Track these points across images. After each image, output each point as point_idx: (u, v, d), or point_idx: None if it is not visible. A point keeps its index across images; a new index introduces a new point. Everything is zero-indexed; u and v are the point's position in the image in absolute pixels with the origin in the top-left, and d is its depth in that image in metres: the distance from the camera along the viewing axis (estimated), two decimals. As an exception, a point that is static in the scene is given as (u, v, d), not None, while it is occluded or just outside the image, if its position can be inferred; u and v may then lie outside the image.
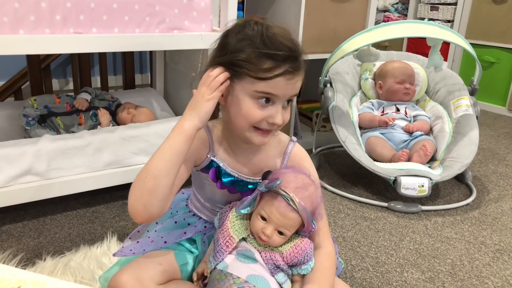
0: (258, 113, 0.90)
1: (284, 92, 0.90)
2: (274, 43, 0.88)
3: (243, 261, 0.92)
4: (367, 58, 2.02)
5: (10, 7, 1.26)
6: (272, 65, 0.88)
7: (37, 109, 1.74)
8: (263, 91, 0.89)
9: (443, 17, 3.57)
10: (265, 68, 0.88)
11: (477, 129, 1.90)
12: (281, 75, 0.88)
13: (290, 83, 0.90)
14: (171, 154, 0.87)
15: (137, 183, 0.88)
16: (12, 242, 1.39)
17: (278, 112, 0.91)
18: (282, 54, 0.88)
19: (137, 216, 0.88)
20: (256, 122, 0.92)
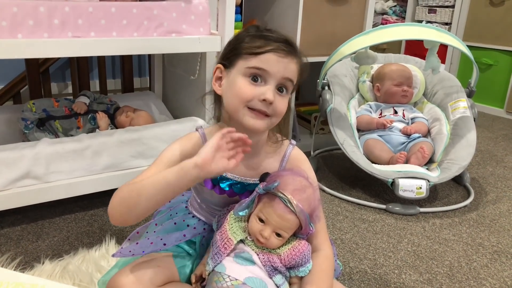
0: (249, 89, 0.92)
1: (276, 69, 0.91)
2: (268, 30, 0.96)
3: (241, 263, 0.92)
4: (365, 60, 2.02)
5: (9, 11, 1.27)
6: (264, 43, 0.92)
7: (36, 112, 1.74)
8: (254, 66, 0.92)
9: (440, 19, 3.58)
10: (257, 45, 0.92)
11: (475, 131, 1.90)
12: (272, 51, 0.91)
13: (282, 61, 0.92)
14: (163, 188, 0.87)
15: (121, 194, 0.90)
16: (10, 246, 1.40)
17: (270, 90, 0.92)
18: (275, 36, 0.94)
19: (112, 220, 0.92)
20: (247, 99, 0.92)
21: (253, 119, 0.93)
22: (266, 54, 0.91)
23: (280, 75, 0.92)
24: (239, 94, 0.92)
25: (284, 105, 0.96)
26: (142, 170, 1.59)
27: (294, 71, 0.94)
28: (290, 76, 0.94)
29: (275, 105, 0.93)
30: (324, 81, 2.06)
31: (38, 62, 2.25)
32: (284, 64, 0.92)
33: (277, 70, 0.92)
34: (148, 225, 1.15)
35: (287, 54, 0.92)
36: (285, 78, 0.93)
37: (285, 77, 0.93)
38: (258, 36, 0.94)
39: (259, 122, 0.93)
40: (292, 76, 0.94)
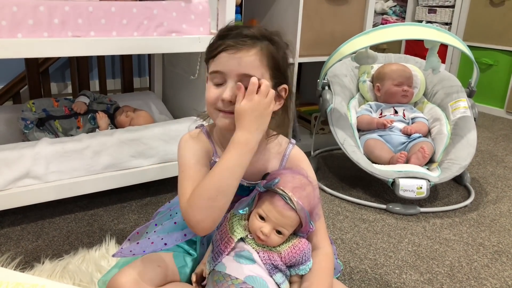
0: (212, 93, 0.93)
1: (230, 68, 0.91)
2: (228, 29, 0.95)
3: (241, 262, 0.92)
4: (365, 60, 2.02)
5: (8, 10, 1.27)
6: (217, 43, 0.93)
7: (36, 112, 1.74)
8: (212, 71, 0.93)
9: (441, 19, 3.58)
10: (212, 48, 0.94)
11: (475, 131, 1.90)
12: (223, 50, 0.91)
13: (234, 57, 0.90)
14: (241, 173, 0.90)
15: (206, 202, 0.88)
16: (10, 245, 1.39)
17: (227, 89, 0.92)
18: (227, 33, 0.93)
19: (204, 231, 0.90)
20: (213, 103, 0.94)
21: (223, 118, 0.94)
22: (219, 55, 0.92)
23: (235, 73, 0.91)
24: (207, 100, 0.95)
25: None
26: (142, 171, 1.61)
27: (250, 64, 0.90)
28: (246, 71, 0.90)
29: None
30: (324, 81, 2.06)
31: (38, 62, 2.25)
32: (237, 60, 0.90)
33: (230, 68, 0.91)
34: (148, 225, 1.15)
35: (240, 49, 0.90)
36: (242, 75, 0.91)
37: (241, 73, 0.91)
38: (220, 36, 0.94)
39: (225, 120, 0.94)
40: (249, 70, 0.90)
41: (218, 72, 0.92)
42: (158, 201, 1.72)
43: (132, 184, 1.62)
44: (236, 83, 0.91)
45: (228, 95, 0.91)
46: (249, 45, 0.91)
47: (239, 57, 0.90)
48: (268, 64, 0.93)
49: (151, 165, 1.64)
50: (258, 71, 0.91)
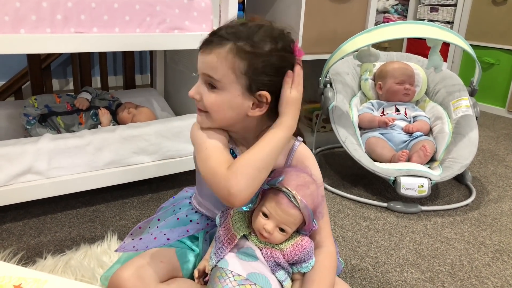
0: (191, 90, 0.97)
1: (200, 67, 0.93)
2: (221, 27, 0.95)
3: (244, 259, 0.92)
4: (367, 58, 2.02)
5: (11, 6, 1.27)
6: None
7: (38, 108, 1.74)
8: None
9: (442, 18, 3.57)
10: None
11: (477, 130, 1.90)
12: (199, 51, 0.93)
13: (202, 57, 0.92)
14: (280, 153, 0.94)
15: (253, 171, 0.88)
16: (12, 241, 1.40)
17: (193, 88, 0.95)
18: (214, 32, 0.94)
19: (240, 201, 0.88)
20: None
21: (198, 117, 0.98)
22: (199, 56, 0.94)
23: (200, 72, 0.93)
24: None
25: (212, 101, 0.92)
26: (144, 167, 1.61)
27: (211, 64, 0.89)
28: (205, 70, 0.91)
29: (203, 100, 0.93)
30: (326, 79, 2.06)
31: (40, 58, 2.25)
32: (202, 60, 0.92)
33: (199, 67, 0.93)
34: (151, 220, 1.15)
35: (205, 48, 0.91)
36: (204, 74, 0.92)
37: (203, 73, 0.92)
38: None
39: (198, 119, 0.98)
40: (208, 70, 0.90)
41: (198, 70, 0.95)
42: (159, 198, 1.72)
43: (134, 180, 1.63)
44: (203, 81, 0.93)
45: (191, 93, 0.95)
46: (214, 45, 0.90)
47: (204, 56, 0.92)
48: (234, 67, 0.89)
49: (153, 161, 1.64)
50: (216, 72, 0.89)
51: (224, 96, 0.92)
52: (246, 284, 0.88)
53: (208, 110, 0.94)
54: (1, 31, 1.27)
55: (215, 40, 0.90)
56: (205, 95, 0.93)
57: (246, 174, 0.86)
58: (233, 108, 0.93)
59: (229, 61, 0.88)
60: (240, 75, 0.89)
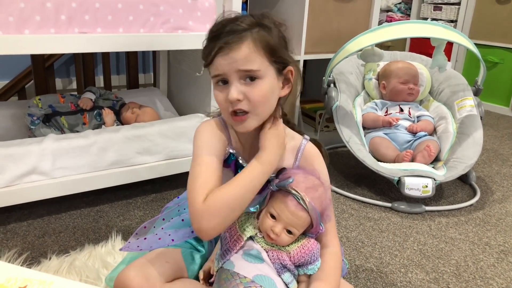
0: (219, 95, 0.93)
1: (229, 68, 0.89)
2: (217, 27, 0.92)
3: (250, 261, 0.92)
4: (371, 58, 2.01)
5: (16, 7, 1.26)
6: (210, 47, 0.91)
7: (42, 108, 1.74)
8: (214, 75, 0.92)
9: (446, 17, 3.56)
10: (207, 52, 0.92)
11: (481, 130, 1.89)
12: (217, 54, 0.89)
13: (229, 57, 0.88)
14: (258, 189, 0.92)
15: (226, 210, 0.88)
16: (17, 241, 1.40)
17: (232, 89, 0.90)
18: (216, 34, 0.90)
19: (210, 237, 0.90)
20: (224, 106, 0.93)
21: (239, 124, 0.94)
22: (215, 59, 0.90)
23: (234, 71, 0.89)
24: (217, 103, 0.95)
25: (259, 92, 0.91)
26: (148, 167, 1.61)
27: (245, 58, 0.88)
28: (242, 66, 0.89)
29: (248, 97, 0.90)
30: (330, 79, 2.06)
31: (43, 57, 2.25)
32: (232, 58, 0.88)
33: (228, 68, 0.89)
34: (156, 220, 1.15)
35: (230, 47, 0.88)
36: (240, 71, 0.89)
37: (239, 70, 0.89)
38: (208, 39, 0.93)
39: (244, 124, 0.93)
40: (246, 64, 0.89)
41: (219, 75, 0.91)
42: (163, 198, 1.72)
43: (137, 180, 1.63)
44: (239, 80, 0.90)
45: (234, 95, 0.89)
46: (238, 40, 0.89)
47: (232, 56, 0.88)
48: (264, 51, 0.90)
49: (157, 161, 1.64)
50: (255, 62, 0.89)
51: (267, 83, 0.92)
52: (252, 286, 0.88)
53: (256, 105, 0.91)
54: (5, 32, 1.27)
55: (235, 36, 0.89)
56: (250, 91, 0.90)
57: (218, 214, 0.87)
58: (274, 93, 0.94)
59: (258, 48, 0.89)
60: (269, 57, 0.91)
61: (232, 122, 0.94)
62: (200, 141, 0.97)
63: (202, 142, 0.97)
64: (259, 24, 0.92)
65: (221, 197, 0.87)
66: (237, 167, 1.02)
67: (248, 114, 0.92)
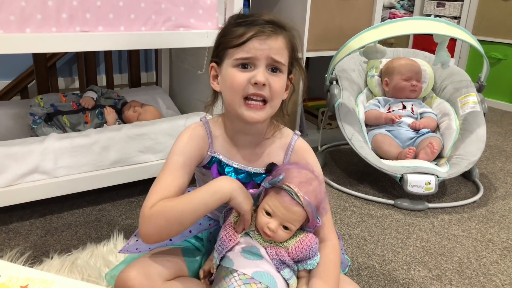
0: (241, 76, 0.92)
1: (261, 53, 0.91)
2: (246, 15, 0.96)
3: (248, 257, 0.92)
4: (374, 55, 2.01)
5: (17, 5, 1.26)
6: (244, 30, 0.92)
7: (44, 107, 1.74)
8: (241, 57, 0.92)
9: (449, 13, 3.54)
10: (238, 34, 0.92)
11: (485, 126, 1.88)
12: (253, 37, 0.91)
13: (265, 43, 0.91)
14: (204, 212, 0.91)
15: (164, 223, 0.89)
16: (19, 240, 1.40)
17: (260, 72, 0.91)
18: (252, 19, 0.93)
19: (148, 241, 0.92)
20: (241, 86, 0.92)
21: (251, 111, 0.93)
22: (249, 42, 0.91)
23: (265, 56, 0.92)
24: (232, 84, 0.93)
25: (280, 84, 0.94)
26: (150, 166, 1.61)
27: (280, 50, 0.93)
28: (276, 56, 0.92)
29: (270, 85, 0.92)
30: (332, 76, 2.05)
31: (46, 56, 2.25)
32: (268, 45, 0.91)
33: (262, 53, 0.91)
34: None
35: (270, 34, 0.92)
36: (272, 59, 0.92)
37: (271, 58, 0.92)
38: (238, 24, 0.94)
39: (258, 113, 0.94)
40: (279, 55, 0.93)
41: (248, 58, 0.92)
42: (165, 196, 1.72)
43: (140, 179, 1.63)
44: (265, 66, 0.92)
45: (263, 78, 0.91)
46: (277, 31, 0.93)
47: (270, 42, 0.92)
48: (289, 52, 0.96)
49: (159, 160, 1.64)
50: (283, 57, 0.94)
51: (283, 79, 0.96)
52: (252, 283, 0.88)
53: (273, 96, 0.94)
54: (7, 31, 1.27)
55: (275, 27, 0.93)
56: (273, 80, 0.93)
57: (156, 223, 0.89)
58: (283, 92, 0.98)
59: (288, 46, 0.96)
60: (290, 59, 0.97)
61: (244, 109, 0.94)
62: (175, 147, 1.00)
63: (176, 148, 0.99)
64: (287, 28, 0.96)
65: (162, 209, 0.89)
66: (219, 169, 1.03)
67: (267, 104, 0.94)
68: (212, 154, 1.02)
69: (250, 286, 0.87)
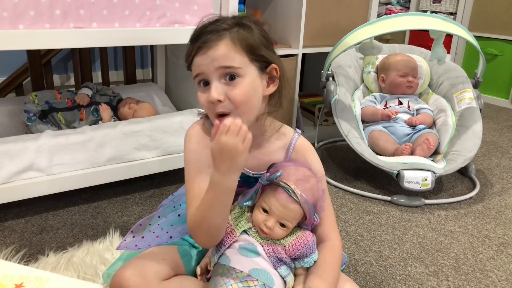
0: (202, 97, 0.93)
1: (207, 68, 0.89)
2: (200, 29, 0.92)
3: (245, 255, 0.92)
4: (370, 51, 2.00)
5: (10, 2, 1.25)
6: (190, 49, 0.92)
7: (38, 104, 1.73)
8: (194, 76, 0.93)
9: (445, 9, 3.54)
10: (187, 55, 0.93)
11: (481, 122, 1.88)
12: (196, 55, 0.90)
13: (207, 56, 0.88)
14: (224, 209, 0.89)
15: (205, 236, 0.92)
16: (14, 238, 1.39)
17: (211, 88, 0.89)
18: (195, 35, 0.92)
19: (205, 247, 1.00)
20: (207, 107, 0.93)
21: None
22: (194, 59, 0.91)
23: (213, 69, 0.89)
24: (201, 105, 0.94)
25: (240, 90, 0.89)
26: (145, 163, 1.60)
27: (226, 54, 0.88)
28: (225, 63, 0.88)
29: (229, 96, 0.89)
30: (329, 72, 2.05)
31: (40, 53, 2.24)
32: (210, 57, 0.88)
33: (207, 67, 0.89)
34: (151, 217, 1.14)
35: (208, 46, 0.88)
36: (222, 68, 0.88)
37: (220, 67, 0.88)
38: (189, 42, 0.93)
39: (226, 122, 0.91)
40: (228, 60, 0.88)
41: (198, 75, 0.91)
42: (161, 193, 1.72)
43: (135, 176, 1.62)
44: (220, 81, 0.89)
45: (215, 95, 0.88)
46: (216, 39, 0.89)
47: (210, 54, 0.88)
48: (244, 50, 0.90)
49: (155, 157, 1.64)
50: (236, 60, 0.89)
51: (247, 81, 0.91)
52: (249, 280, 0.88)
53: (238, 104, 0.90)
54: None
55: (213, 36, 0.89)
56: (231, 91, 0.89)
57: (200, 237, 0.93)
58: (256, 92, 0.93)
59: (237, 46, 0.89)
60: (250, 56, 0.91)
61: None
62: (187, 155, 1.00)
63: (189, 156, 0.99)
64: (239, 24, 0.92)
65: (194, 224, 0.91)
66: None
67: (229, 115, 0.90)
68: None
69: (247, 283, 0.87)
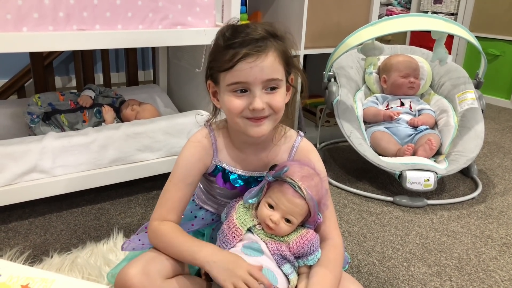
0: (237, 103, 0.92)
1: (253, 76, 0.89)
2: (234, 34, 0.91)
3: (249, 254, 0.92)
4: (372, 52, 2.00)
5: (14, 4, 1.26)
6: (232, 53, 0.89)
7: (41, 106, 1.74)
8: (232, 82, 0.91)
9: (446, 10, 3.55)
10: (226, 59, 0.90)
11: (483, 123, 1.89)
12: (241, 60, 0.88)
13: (255, 65, 0.88)
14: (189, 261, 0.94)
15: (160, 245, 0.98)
16: (19, 240, 1.40)
17: (256, 97, 0.90)
18: (239, 40, 0.89)
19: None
20: (239, 113, 0.92)
21: (254, 127, 0.94)
22: (237, 65, 0.89)
23: (259, 80, 0.90)
24: (230, 110, 0.93)
25: (279, 100, 0.93)
26: (148, 164, 1.60)
27: (272, 67, 0.90)
28: (269, 76, 0.90)
29: (270, 104, 0.92)
30: (330, 73, 2.05)
31: (43, 55, 2.25)
32: (258, 67, 0.89)
33: (254, 77, 0.89)
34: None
35: (258, 55, 0.89)
36: (267, 80, 0.90)
37: (265, 80, 0.90)
38: (226, 47, 0.91)
39: (261, 128, 0.94)
40: (272, 73, 0.90)
41: (239, 83, 0.90)
42: (164, 195, 1.72)
43: (138, 177, 1.62)
44: (262, 90, 0.91)
45: (260, 105, 0.90)
46: (264, 49, 0.90)
47: (260, 62, 0.89)
48: (282, 61, 0.93)
49: (158, 158, 1.64)
50: (278, 72, 0.92)
51: (283, 91, 0.95)
52: (252, 279, 0.88)
53: (277, 111, 0.94)
54: (3, 30, 1.26)
55: (262, 44, 0.90)
56: (272, 100, 0.92)
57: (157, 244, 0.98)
58: (284, 101, 0.96)
59: (280, 58, 0.92)
60: (286, 67, 0.95)
61: (248, 125, 0.94)
62: (180, 159, 1.02)
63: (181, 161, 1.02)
64: (275, 35, 0.93)
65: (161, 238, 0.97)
66: (224, 178, 1.04)
67: (267, 117, 0.93)
68: (217, 163, 1.03)
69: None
